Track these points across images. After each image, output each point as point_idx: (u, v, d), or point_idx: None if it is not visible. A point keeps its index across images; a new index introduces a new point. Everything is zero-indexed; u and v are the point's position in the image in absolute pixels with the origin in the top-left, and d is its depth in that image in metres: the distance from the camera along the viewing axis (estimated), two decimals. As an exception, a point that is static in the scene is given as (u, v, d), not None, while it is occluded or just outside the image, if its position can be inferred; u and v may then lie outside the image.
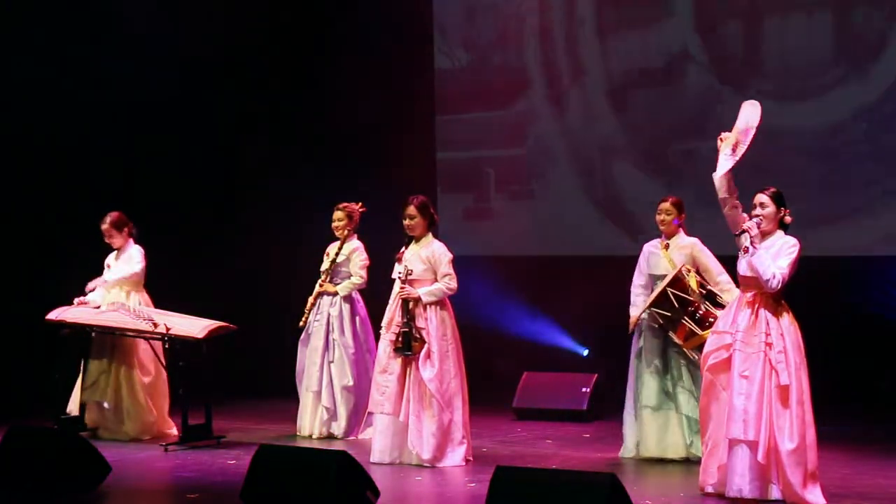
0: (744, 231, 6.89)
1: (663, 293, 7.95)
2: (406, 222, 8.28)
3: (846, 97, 10.28)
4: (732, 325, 6.95)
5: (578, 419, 9.97)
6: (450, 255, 8.28)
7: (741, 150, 6.96)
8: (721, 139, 7.06)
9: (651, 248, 8.39)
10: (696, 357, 7.93)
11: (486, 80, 11.91)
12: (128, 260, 9.31)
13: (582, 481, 6.02)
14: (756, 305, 6.90)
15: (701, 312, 7.85)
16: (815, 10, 10.44)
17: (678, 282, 7.95)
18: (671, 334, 8.04)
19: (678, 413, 8.17)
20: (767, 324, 6.85)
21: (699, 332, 7.82)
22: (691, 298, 7.90)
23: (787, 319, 6.89)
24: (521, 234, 11.72)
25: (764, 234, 6.93)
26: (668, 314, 7.95)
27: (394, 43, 12.10)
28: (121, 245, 9.36)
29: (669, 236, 8.31)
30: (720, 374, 6.96)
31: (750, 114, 7.10)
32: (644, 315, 8.22)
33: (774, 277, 6.78)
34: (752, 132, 6.98)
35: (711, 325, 7.59)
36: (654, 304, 8.02)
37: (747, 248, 6.86)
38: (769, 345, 6.81)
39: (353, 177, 11.43)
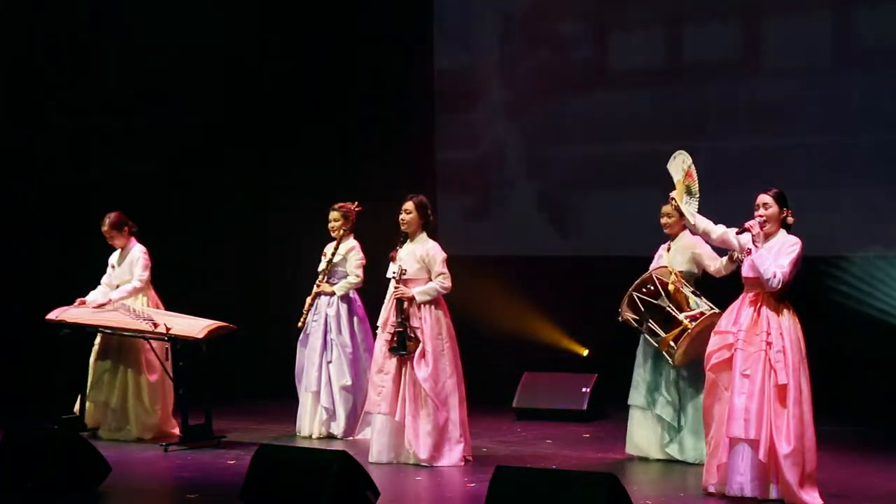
0: (745, 230, 6.90)
1: (629, 296, 7.98)
2: (401, 216, 8.30)
3: (847, 96, 10.27)
4: (735, 325, 6.96)
5: (578, 419, 9.98)
6: (444, 255, 8.30)
7: (695, 188, 7.27)
8: (672, 197, 7.40)
9: (660, 251, 8.41)
10: (670, 358, 7.94)
11: (487, 80, 11.90)
12: (131, 265, 9.29)
13: (582, 481, 6.02)
14: (758, 304, 6.92)
15: (673, 314, 7.85)
16: (815, 10, 10.46)
17: (646, 284, 7.96)
18: (647, 337, 8.06)
19: (655, 413, 8.18)
20: (768, 323, 6.87)
21: (662, 333, 7.86)
22: (656, 303, 7.90)
23: (789, 319, 6.90)
24: (520, 235, 11.71)
25: (767, 235, 6.94)
26: (636, 317, 7.98)
27: (394, 43, 12.09)
28: (123, 245, 9.36)
29: (674, 238, 8.31)
30: (722, 373, 6.97)
31: (681, 162, 7.39)
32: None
33: (775, 276, 6.80)
34: (694, 171, 7.30)
35: (677, 326, 7.66)
36: (624, 306, 8.05)
37: (750, 249, 6.88)
38: (769, 344, 6.83)
39: (352, 177, 11.42)
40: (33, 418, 9.12)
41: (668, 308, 7.88)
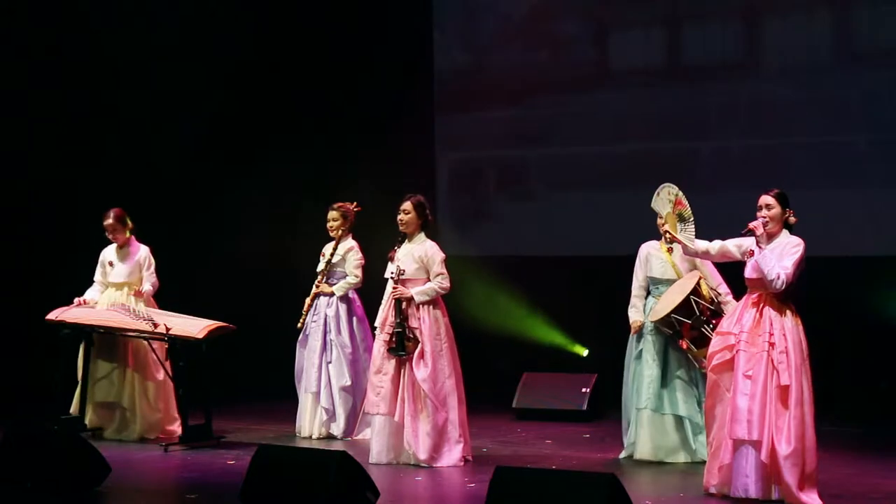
0: (750, 231, 6.90)
1: (686, 301, 7.89)
2: (400, 217, 8.30)
3: (847, 96, 10.27)
4: (737, 326, 6.96)
5: (578, 419, 9.98)
6: (442, 255, 8.29)
7: (688, 213, 7.28)
8: (666, 231, 7.47)
9: (651, 249, 8.35)
10: (702, 363, 7.92)
11: (487, 80, 11.90)
12: (138, 265, 9.29)
13: (582, 481, 6.02)
14: (761, 305, 6.92)
15: (715, 320, 7.84)
16: (815, 10, 10.46)
17: (696, 289, 7.93)
18: (681, 341, 8.01)
19: (676, 416, 8.15)
20: (771, 324, 6.86)
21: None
22: (709, 306, 7.89)
23: (791, 320, 6.89)
24: (521, 234, 11.71)
25: (770, 236, 6.94)
26: (688, 321, 7.92)
27: (394, 42, 12.09)
28: (124, 241, 9.36)
29: (671, 241, 8.25)
30: (724, 374, 6.97)
31: (666, 195, 7.42)
32: (647, 321, 8.21)
33: (779, 278, 6.79)
34: (683, 197, 7.33)
35: None
36: (675, 311, 7.96)
37: (752, 251, 6.88)
38: (772, 344, 6.82)
39: (352, 177, 11.43)
40: (33, 418, 9.12)
41: (720, 309, 7.86)
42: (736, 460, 6.86)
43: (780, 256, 6.87)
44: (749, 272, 6.97)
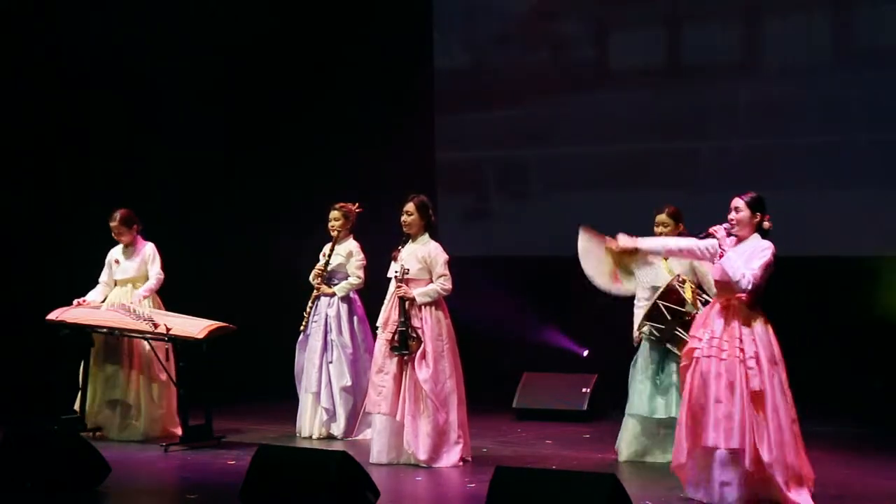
0: (709, 234, 6.85)
1: (654, 306, 7.92)
2: (403, 218, 8.31)
3: (847, 96, 10.27)
4: (704, 331, 6.89)
5: (578, 419, 9.98)
6: (445, 256, 8.30)
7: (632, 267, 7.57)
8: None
9: (653, 258, 8.38)
10: None
11: (487, 80, 11.90)
12: (143, 263, 9.33)
13: (582, 481, 6.02)
14: (730, 312, 6.83)
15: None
16: (815, 10, 10.46)
17: (671, 293, 7.92)
18: (670, 346, 8.01)
19: (669, 421, 8.14)
20: (740, 330, 6.77)
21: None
22: (684, 310, 7.87)
23: (761, 325, 6.80)
24: (521, 234, 11.71)
25: (740, 239, 6.87)
26: (662, 326, 7.93)
27: (394, 42, 12.09)
28: (129, 241, 9.38)
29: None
30: (684, 377, 6.94)
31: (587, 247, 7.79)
32: (645, 328, 8.22)
33: (744, 277, 6.69)
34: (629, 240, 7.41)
35: None
36: (647, 317, 7.99)
37: (721, 253, 6.80)
38: (742, 350, 6.73)
39: (352, 177, 11.43)
40: (33, 418, 9.12)
41: (694, 314, 7.85)
42: (711, 468, 6.77)
43: (749, 259, 6.75)
44: (714, 274, 6.92)
